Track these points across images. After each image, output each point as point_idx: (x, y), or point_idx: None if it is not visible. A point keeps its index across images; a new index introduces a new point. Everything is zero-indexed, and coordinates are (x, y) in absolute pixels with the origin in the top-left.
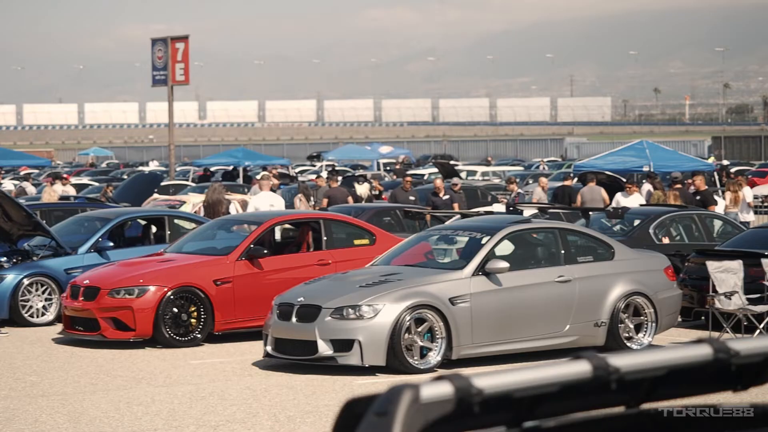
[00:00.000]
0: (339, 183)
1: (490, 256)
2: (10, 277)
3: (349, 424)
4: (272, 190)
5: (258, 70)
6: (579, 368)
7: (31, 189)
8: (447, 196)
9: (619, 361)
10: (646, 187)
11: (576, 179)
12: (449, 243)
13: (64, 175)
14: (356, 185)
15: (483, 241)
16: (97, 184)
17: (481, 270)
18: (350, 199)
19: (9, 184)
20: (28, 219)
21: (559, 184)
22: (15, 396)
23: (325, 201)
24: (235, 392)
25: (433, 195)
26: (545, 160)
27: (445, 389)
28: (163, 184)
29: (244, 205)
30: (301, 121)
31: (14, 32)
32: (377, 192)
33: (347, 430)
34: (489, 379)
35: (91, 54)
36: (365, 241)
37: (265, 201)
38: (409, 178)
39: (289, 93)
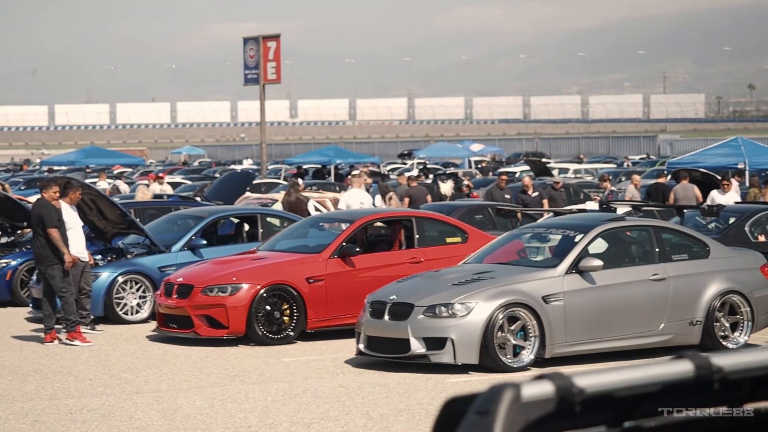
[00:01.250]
0: (419, 182)
1: (584, 254)
2: (105, 275)
3: (450, 423)
4: (366, 189)
5: (349, 68)
6: (681, 368)
7: (124, 187)
8: (536, 194)
9: (722, 360)
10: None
11: (669, 176)
12: (542, 241)
13: (160, 174)
14: (440, 183)
15: (576, 239)
16: (189, 182)
17: (575, 268)
18: (429, 197)
19: (103, 183)
20: (122, 217)
21: (653, 181)
22: (110, 393)
23: (406, 200)
24: (328, 390)
25: (522, 193)
26: (630, 157)
27: (546, 388)
28: (255, 182)
29: (335, 202)
30: (391, 119)
31: (107, 32)
32: (467, 190)
33: (448, 429)
34: (590, 379)
35: (184, 53)
36: (457, 239)
37: (355, 198)
38: (504, 176)
39: (379, 91)
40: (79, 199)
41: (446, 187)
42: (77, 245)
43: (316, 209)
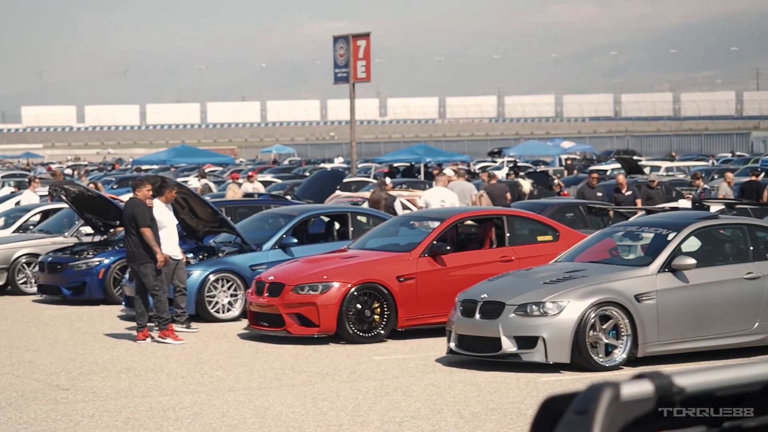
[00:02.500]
0: (497, 180)
1: (677, 252)
2: (197, 274)
3: (548, 422)
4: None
5: (438, 66)
6: None
7: (211, 186)
8: (630, 193)
9: None
10: None
11: (763, 174)
12: (634, 239)
13: (249, 173)
14: (520, 181)
15: (669, 238)
16: (279, 181)
17: (668, 267)
18: (508, 195)
19: (195, 182)
20: (214, 216)
21: (746, 179)
22: (202, 390)
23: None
24: (419, 388)
25: (616, 191)
26: (717, 155)
27: (645, 388)
28: (345, 180)
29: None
30: (481, 117)
31: (197, 32)
32: (559, 189)
33: (546, 428)
34: (690, 378)
35: (273, 52)
36: (548, 238)
37: (436, 196)
38: (595, 175)
39: (469, 89)
40: (174, 198)
41: (526, 185)
42: (171, 244)
43: (405, 207)
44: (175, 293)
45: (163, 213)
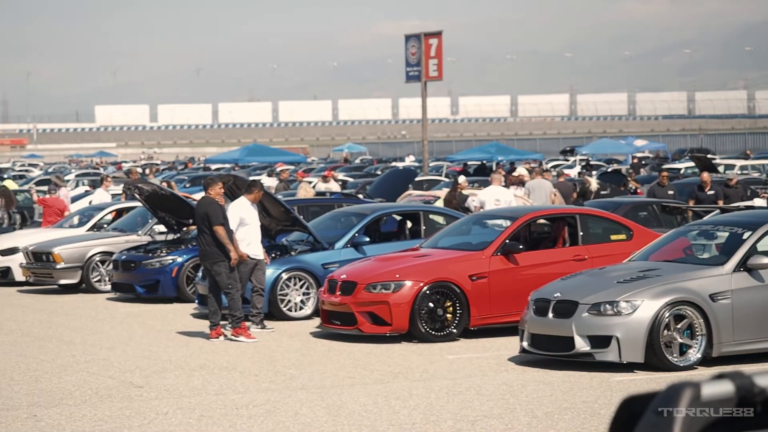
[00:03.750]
0: (566, 178)
1: (752, 251)
2: (270, 272)
3: (627, 422)
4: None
5: (510, 64)
6: None
7: (271, 182)
8: (713, 192)
9: None
10: None
11: None
12: (709, 238)
13: (325, 173)
14: (587, 179)
15: (744, 237)
16: (351, 179)
17: (743, 266)
18: (574, 194)
19: (268, 180)
20: (286, 214)
21: None
22: (275, 388)
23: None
24: (491, 387)
25: (699, 189)
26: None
27: (726, 388)
28: (417, 179)
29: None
30: (553, 116)
31: (270, 31)
32: (633, 188)
33: (625, 428)
34: None
35: (345, 51)
36: (622, 237)
37: (491, 195)
38: (665, 173)
39: (541, 87)
40: (260, 198)
41: (593, 183)
42: (254, 243)
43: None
44: (252, 293)
45: (249, 211)
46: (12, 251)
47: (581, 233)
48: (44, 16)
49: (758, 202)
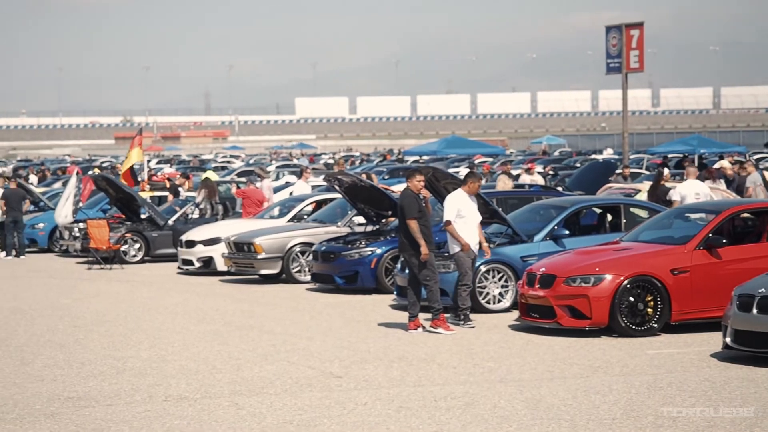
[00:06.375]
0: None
1: None
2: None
3: None
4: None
5: (713, 56)
6: None
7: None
8: None
9: None
10: None
11: None
12: None
13: (528, 165)
14: None
15: None
16: (550, 172)
17: None
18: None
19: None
20: (485, 207)
21: None
22: (474, 381)
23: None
24: (693, 384)
25: None
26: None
27: None
28: (617, 172)
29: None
30: (757, 108)
31: (467, 22)
32: None
33: None
34: None
35: (543, 42)
36: None
37: (691, 189)
38: None
39: (745, 79)
40: (478, 190)
41: None
42: (470, 235)
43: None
44: (458, 286)
45: (465, 203)
46: (214, 241)
47: None
48: (245, 12)
49: None
